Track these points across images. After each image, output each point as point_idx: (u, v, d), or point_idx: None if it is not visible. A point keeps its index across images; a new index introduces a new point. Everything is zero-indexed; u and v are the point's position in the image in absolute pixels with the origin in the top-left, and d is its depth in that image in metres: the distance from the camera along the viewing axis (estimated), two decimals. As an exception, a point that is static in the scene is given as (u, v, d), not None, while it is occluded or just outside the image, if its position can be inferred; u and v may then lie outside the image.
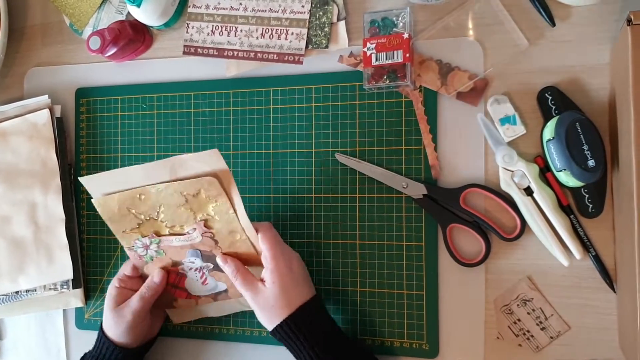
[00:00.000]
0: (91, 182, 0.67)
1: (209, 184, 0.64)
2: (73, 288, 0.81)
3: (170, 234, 0.69)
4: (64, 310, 0.85)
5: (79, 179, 0.68)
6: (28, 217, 0.82)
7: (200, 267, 0.71)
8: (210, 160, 0.63)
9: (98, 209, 0.68)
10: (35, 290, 0.82)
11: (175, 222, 0.68)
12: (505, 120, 0.66)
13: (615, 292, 0.63)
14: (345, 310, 0.72)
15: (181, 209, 0.66)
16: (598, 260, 0.63)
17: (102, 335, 0.73)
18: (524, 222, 0.65)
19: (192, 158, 0.64)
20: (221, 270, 0.70)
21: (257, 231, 0.66)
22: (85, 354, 0.76)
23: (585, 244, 0.64)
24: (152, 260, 0.72)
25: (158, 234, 0.69)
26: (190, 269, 0.72)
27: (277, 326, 0.64)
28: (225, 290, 0.73)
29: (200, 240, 0.68)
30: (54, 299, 0.83)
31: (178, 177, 0.65)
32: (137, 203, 0.67)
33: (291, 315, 0.63)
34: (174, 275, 0.73)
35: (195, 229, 0.68)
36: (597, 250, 0.64)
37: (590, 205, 0.63)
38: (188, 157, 0.64)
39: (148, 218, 0.68)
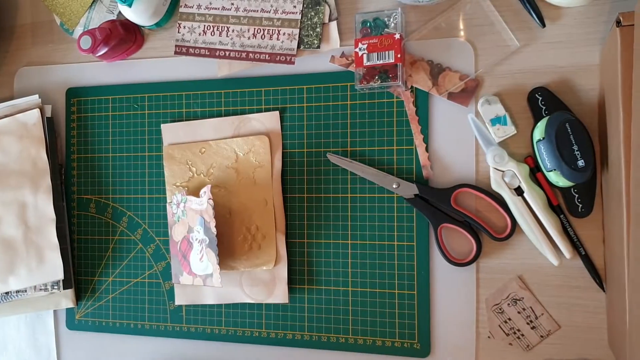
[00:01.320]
0: (167, 129, 0.78)
1: (260, 141, 0.73)
2: (64, 288, 0.81)
3: (193, 195, 0.73)
4: (55, 311, 0.85)
5: (162, 125, 0.79)
6: (18, 218, 0.81)
7: (201, 240, 0.72)
8: (269, 120, 0.74)
9: (164, 156, 0.78)
10: (26, 290, 0.81)
11: (220, 183, 0.75)
12: (496, 120, 0.66)
13: (604, 291, 0.64)
14: (337, 310, 0.72)
15: (229, 170, 0.74)
16: (587, 260, 0.64)
17: None
18: (514, 222, 0.65)
19: (254, 117, 0.74)
20: (212, 249, 0.70)
21: None
22: None
23: (575, 244, 0.64)
24: (178, 221, 0.74)
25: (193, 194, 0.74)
26: (196, 239, 0.72)
27: None
28: (211, 275, 0.71)
29: (204, 208, 0.70)
30: (45, 299, 0.83)
31: (240, 133, 0.74)
32: (196, 157, 0.76)
33: None
34: (185, 243, 0.74)
35: (205, 192, 0.70)
36: (586, 250, 0.64)
37: (580, 205, 0.63)
38: (252, 116, 0.74)
39: (199, 174, 0.76)
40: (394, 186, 0.69)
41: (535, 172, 0.65)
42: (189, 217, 0.73)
